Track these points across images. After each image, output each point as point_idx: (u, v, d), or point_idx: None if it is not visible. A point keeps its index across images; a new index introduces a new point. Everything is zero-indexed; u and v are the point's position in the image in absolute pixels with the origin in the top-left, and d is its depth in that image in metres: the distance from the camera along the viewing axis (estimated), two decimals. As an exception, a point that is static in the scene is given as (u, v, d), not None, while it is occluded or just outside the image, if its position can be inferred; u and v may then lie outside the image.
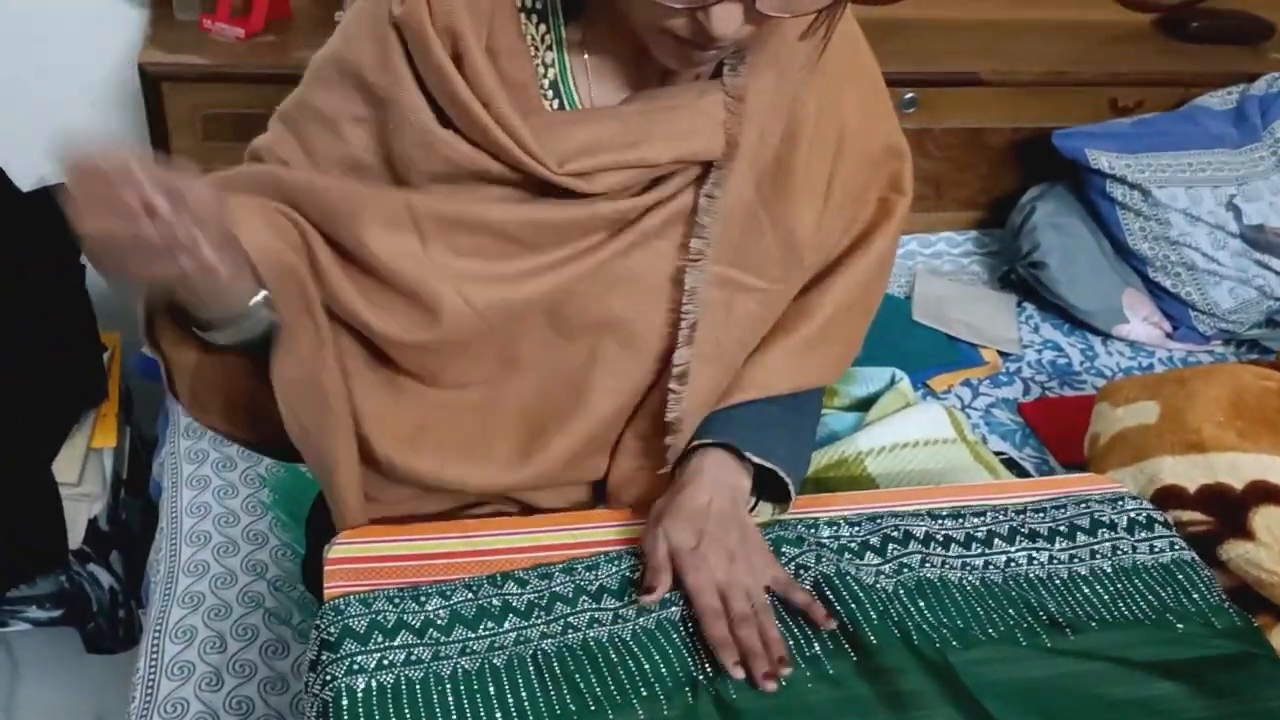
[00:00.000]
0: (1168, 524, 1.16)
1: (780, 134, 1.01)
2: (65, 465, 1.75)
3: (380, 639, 0.94)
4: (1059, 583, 1.08)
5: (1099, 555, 1.11)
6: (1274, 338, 2.09)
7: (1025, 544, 1.12)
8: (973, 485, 1.40)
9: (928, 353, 1.95)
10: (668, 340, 1.04)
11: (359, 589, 0.99)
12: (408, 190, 0.95)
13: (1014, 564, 1.09)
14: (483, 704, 0.90)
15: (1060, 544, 1.12)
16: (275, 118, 1.00)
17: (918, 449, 1.56)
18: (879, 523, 1.11)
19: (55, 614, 1.79)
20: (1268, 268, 2.03)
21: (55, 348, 1.79)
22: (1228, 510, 1.32)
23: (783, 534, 1.07)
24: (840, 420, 1.68)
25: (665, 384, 1.04)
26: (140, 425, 2.10)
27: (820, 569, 1.03)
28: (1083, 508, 1.16)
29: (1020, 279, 2.16)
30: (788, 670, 0.93)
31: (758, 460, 1.06)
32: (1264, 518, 1.30)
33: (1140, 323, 2.07)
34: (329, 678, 0.91)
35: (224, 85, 1.83)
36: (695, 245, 1.00)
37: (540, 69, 0.96)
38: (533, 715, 0.90)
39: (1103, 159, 2.05)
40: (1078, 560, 1.10)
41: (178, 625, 1.42)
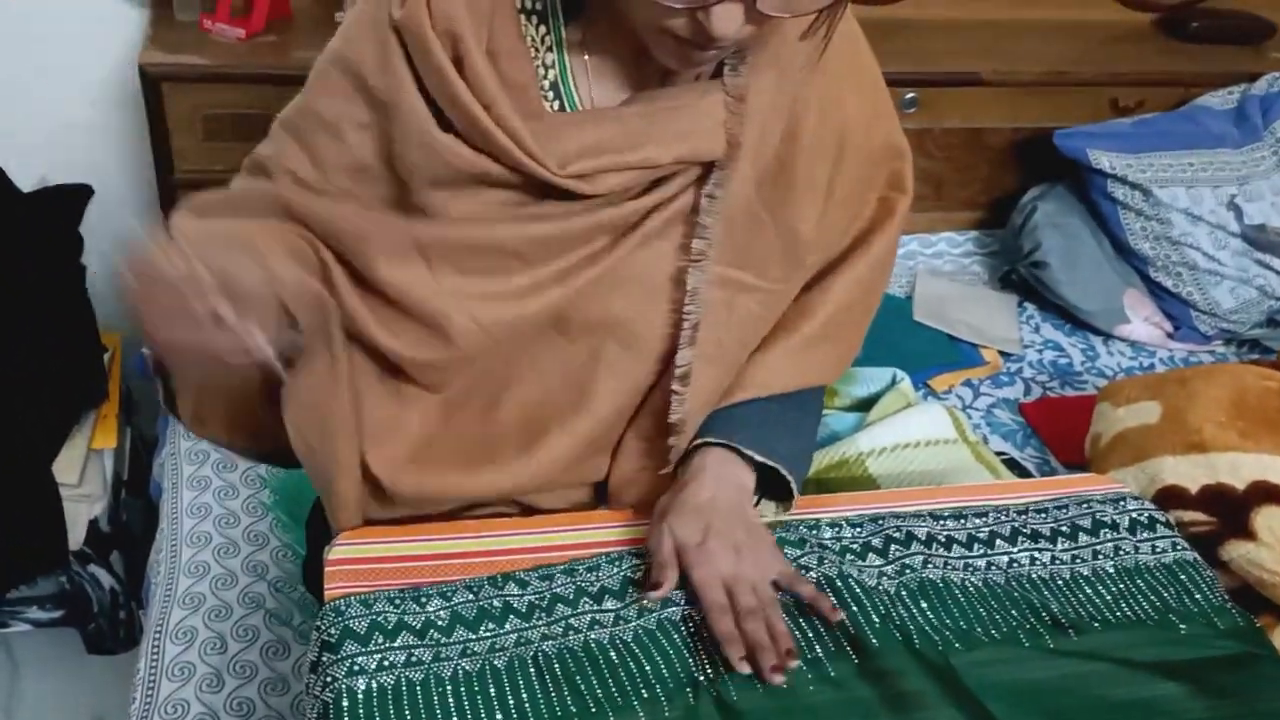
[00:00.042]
0: (1169, 524, 1.16)
1: (781, 134, 1.01)
2: (66, 466, 1.75)
3: (381, 640, 0.94)
4: (1061, 583, 1.08)
5: (1101, 556, 1.11)
6: (1275, 337, 2.09)
7: (1027, 544, 1.11)
8: (974, 485, 1.40)
9: (929, 353, 1.95)
10: (669, 341, 1.04)
11: (360, 590, 0.99)
12: (412, 220, 0.96)
13: (1016, 564, 1.09)
14: (483, 705, 0.90)
15: (1062, 544, 1.12)
16: (278, 126, 1.00)
17: (919, 449, 1.56)
18: (881, 524, 1.11)
19: (56, 615, 1.79)
20: (1269, 267, 2.03)
21: (55, 348, 1.79)
22: (1229, 510, 1.32)
23: (784, 535, 1.06)
24: (841, 421, 1.68)
25: (666, 384, 1.04)
26: (141, 426, 2.10)
27: (822, 570, 1.03)
28: (1084, 508, 1.16)
29: (1021, 279, 2.16)
30: (796, 663, 0.93)
31: (760, 458, 1.06)
32: (1265, 518, 1.30)
33: (1141, 323, 2.06)
34: (330, 679, 0.91)
35: (224, 85, 1.83)
36: (697, 245, 1.00)
37: (540, 70, 0.96)
38: (533, 717, 0.90)
39: (1104, 159, 2.05)
40: (1080, 561, 1.10)
41: (178, 626, 1.42)
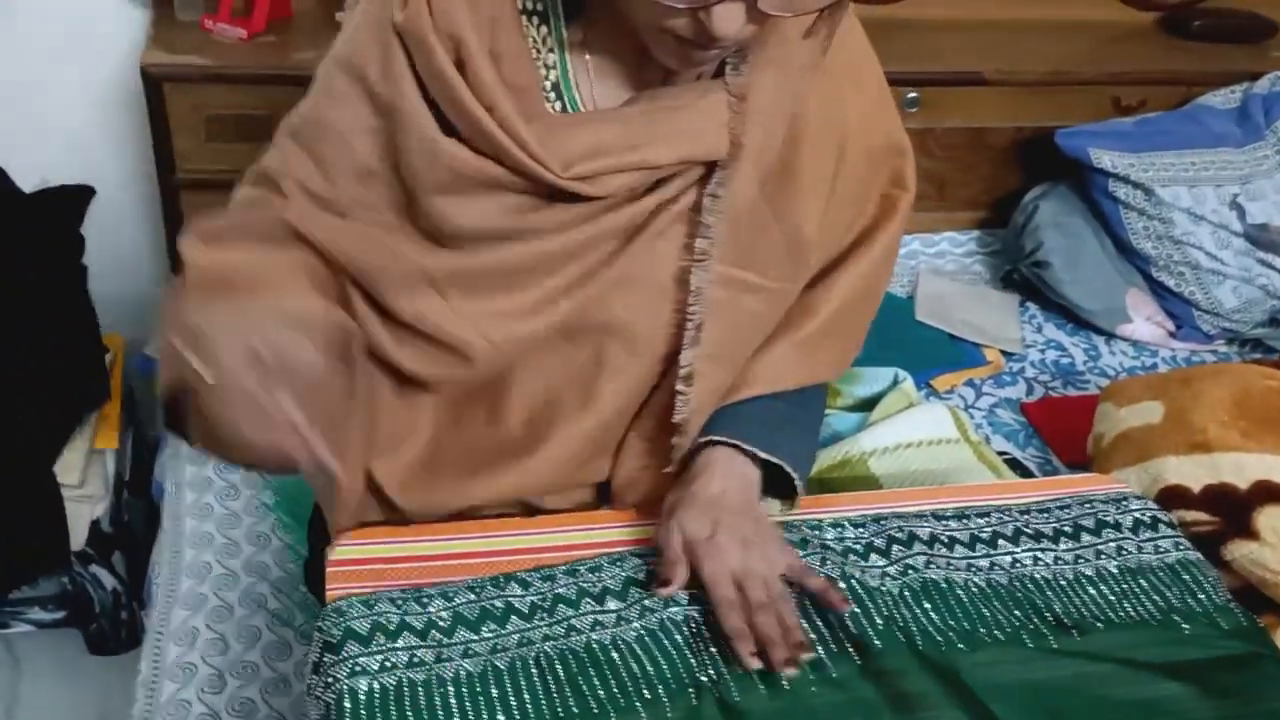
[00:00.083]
0: (1172, 524, 1.16)
1: (783, 133, 1.01)
2: (67, 467, 1.75)
3: (383, 640, 0.94)
4: (1064, 583, 1.07)
5: (1104, 556, 1.11)
6: (1278, 337, 2.09)
7: (1030, 544, 1.11)
8: (976, 485, 1.40)
9: (931, 353, 1.95)
10: (672, 341, 1.03)
11: (361, 590, 0.99)
12: (420, 250, 0.96)
13: (1019, 565, 1.09)
14: (485, 706, 0.90)
15: (1065, 544, 1.12)
16: (285, 134, 0.98)
17: (921, 449, 1.56)
18: (883, 524, 1.10)
19: (58, 615, 1.79)
20: (1271, 267, 2.02)
21: (57, 349, 1.79)
22: (1232, 510, 1.32)
23: (787, 535, 1.06)
24: (843, 420, 1.68)
25: (670, 384, 1.04)
26: (143, 426, 2.10)
27: (825, 571, 1.03)
28: (1087, 508, 1.16)
29: (1023, 278, 2.16)
30: (809, 655, 0.92)
31: (765, 456, 1.06)
32: (1268, 518, 1.30)
33: (1144, 322, 2.06)
34: (331, 679, 0.91)
35: (226, 86, 1.82)
36: (700, 245, 1.00)
37: (542, 71, 0.96)
38: (535, 717, 0.89)
39: (1106, 158, 2.05)
40: (1083, 561, 1.10)
41: (180, 627, 1.42)
